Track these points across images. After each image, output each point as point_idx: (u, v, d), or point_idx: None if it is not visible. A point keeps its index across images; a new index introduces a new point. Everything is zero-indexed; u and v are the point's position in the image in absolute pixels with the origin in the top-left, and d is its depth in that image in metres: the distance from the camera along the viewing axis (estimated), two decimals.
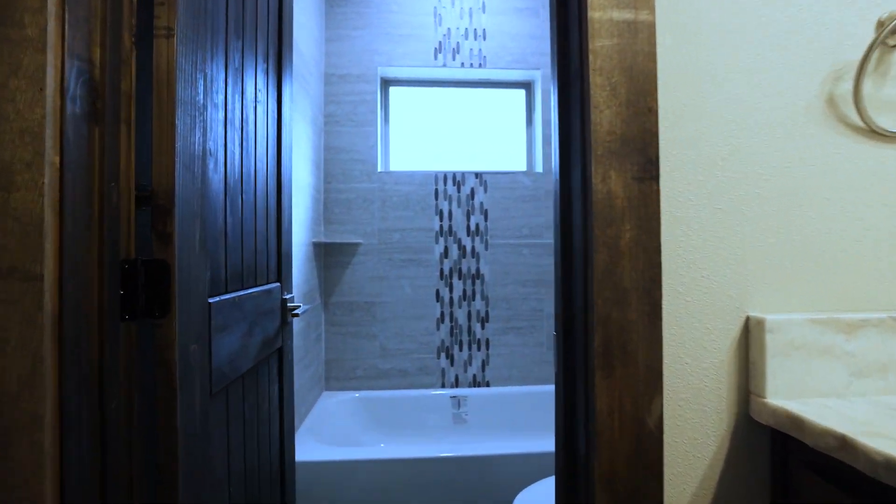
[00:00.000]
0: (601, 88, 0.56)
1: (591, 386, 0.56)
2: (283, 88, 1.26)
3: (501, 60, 2.59)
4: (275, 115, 1.22)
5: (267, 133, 1.16)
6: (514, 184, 2.57)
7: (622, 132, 0.56)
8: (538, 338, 2.57)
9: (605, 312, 0.56)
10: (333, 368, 2.49)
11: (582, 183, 0.58)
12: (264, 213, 1.14)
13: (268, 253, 1.17)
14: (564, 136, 0.64)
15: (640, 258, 0.57)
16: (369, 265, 2.50)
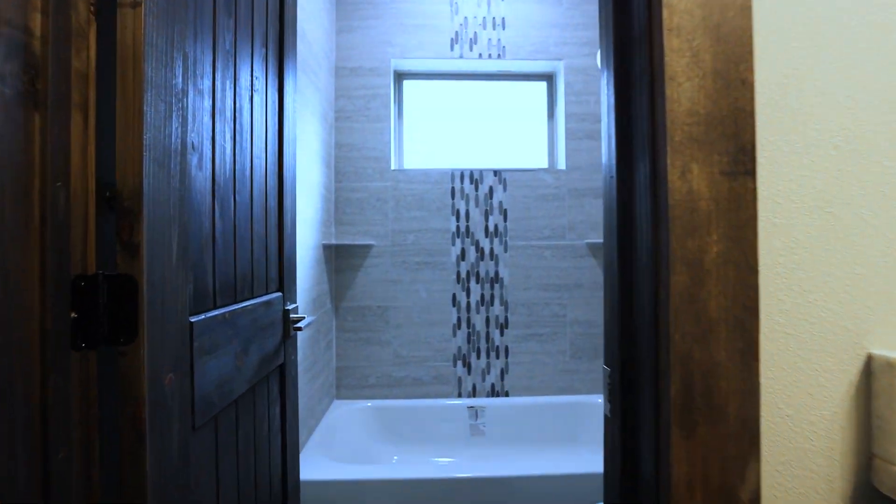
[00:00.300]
0: (679, 54, 0.42)
1: (665, 448, 0.42)
2: (285, 77, 1.14)
3: (522, 51, 2.44)
4: (275, 107, 1.10)
5: (266, 126, 1.04)
6: (535, 182, 2.42)
7: (707, 112, 0.43)
8: (561, 345, 2.42)
9: (685, 350, 0.42)
10: (345, 376, 2.38)
11: (651, 180, 0.45)
12: (263, 215, 1.02)
13: (267, 260, 1.05)
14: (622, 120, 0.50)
15: (730, 279, 0.43)
16: (382, 268, 2.38)
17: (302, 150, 1.81)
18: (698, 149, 0.42)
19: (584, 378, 2.43)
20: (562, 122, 2.48)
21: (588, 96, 2.44)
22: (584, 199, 2.43)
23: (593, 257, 2.43)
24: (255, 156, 0.97)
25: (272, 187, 1.08)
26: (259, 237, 1.00)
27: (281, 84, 1.13)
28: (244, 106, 0.92)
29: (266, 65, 1.04)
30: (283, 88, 1.13)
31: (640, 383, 0.47)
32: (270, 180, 1.07)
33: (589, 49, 2.44)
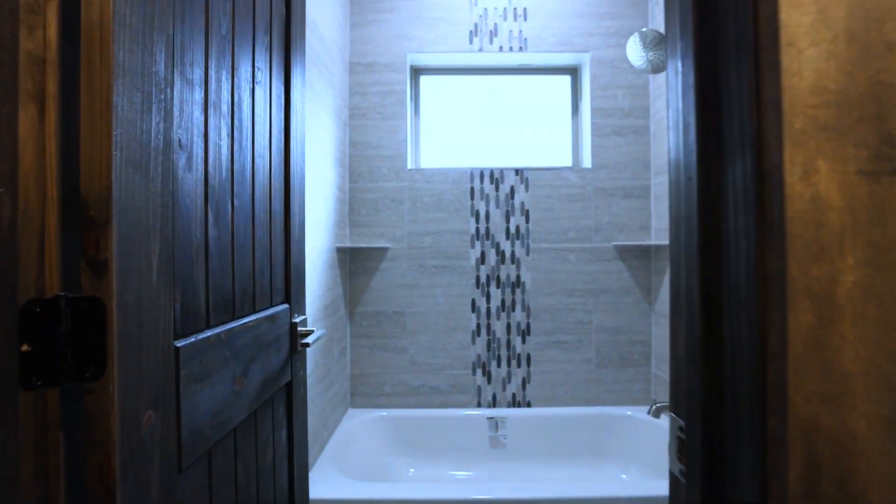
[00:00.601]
0: (800, 9, 0.31)
1: None
2: (292, 68, 1.04)
3: (544, 43, 2.31)
4: (281, 101, 1.01)
5: (270, 122, 0.95)
6: (558, 181, 2.30)
7: (840, 89, 0.31)
8: (585, 353, 2.29)
9: (809, 417, 0.31)
10: (359, 384, 2.29)
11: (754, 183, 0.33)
12: (267, 219, 0.93)
13: (272, 269, 0.95)
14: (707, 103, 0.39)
15: (872, 319, 0.31)
16: (398, 272, 2.28)
17: (314, 149, 1.72)
18: (827, 139, 0.31)
19: (610, 388, 2.29)
20: (587, 117, 2.34)
21: (615, 90, 2.30)
22: (611, 199, 2.29)
23: (621, 260, 2.29)
24: (257, 154, 0.88)
25: (277, 189, 0.99)
26: (262, 244, 0.90)
27: (287, 76, 1.03)
28: (244, 99, 0.82)
29: (270, 54, 0.95)
30: (289, 81, 1.04)
31: (738, 457, 0.35)
32: (276, 181, 0.98)
33: (616, 40, 2.30)
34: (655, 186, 2.26)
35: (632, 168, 2.30)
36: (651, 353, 2.29)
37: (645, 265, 2.29)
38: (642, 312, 2.29)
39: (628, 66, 2.30)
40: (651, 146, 2.30)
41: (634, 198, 2.30)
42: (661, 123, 2.19)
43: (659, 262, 2.22)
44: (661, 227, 2.21)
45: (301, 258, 1.12)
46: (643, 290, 2.29)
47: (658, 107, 2.23)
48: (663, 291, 2.18)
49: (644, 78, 2.30)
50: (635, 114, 2.30)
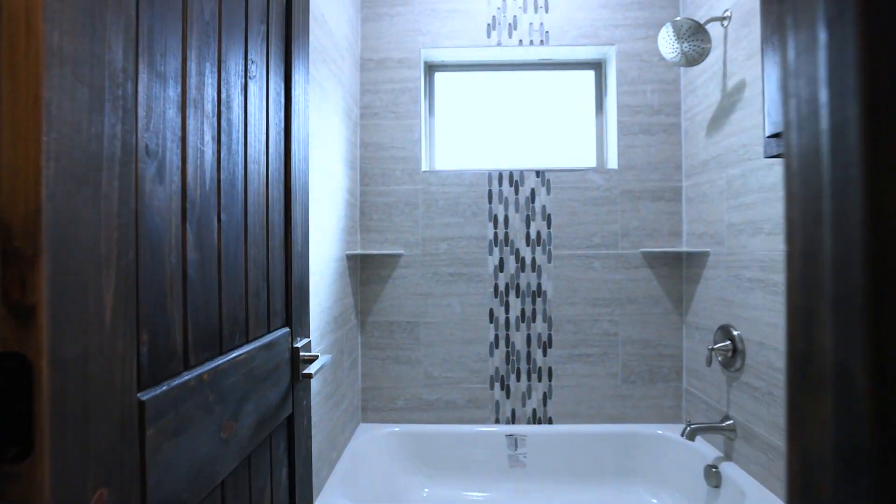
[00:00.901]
0: None
1: None
2: (293, 62, 0.93)
3: (567, 36, 2.17)
4: (281, 99, 0.89)
5: (267, 123, 0.83)
6: (582, 183, 2.15)
7: None
8: (611, 367, 2.15)
9: None
10: (371, 398, 2.18)
11: None
12: (263, 234, 0.81)
13: (269, 290, 0.84)
14: (881, 84, 0.25)
15: None
16: (412, 280, 2.16)
17: (321, 151, 1.61)
18: None
19: (637, 405, 2.14)
20: (613, 115, 2.20)
21: (644, 85, 2.15)
22: (638, 203, 2.14)
23: (649, 268, 2.14)
24: (251, 160, 0.76)
25: (276, 199, 0.87)
26: (257, 263, 0.79)
27: (288, 71, 0.92)
28: (234, 97, 0.71)
29: (267, 46, 0.83)
30: (290, 76, 0.92)
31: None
32: (274, 190, 0.86)
33: (645, 31, 2.15)
34: (687, 188, 2.10)
35: (661, 169, 2.15)
36: (682, 368, 2.14)
37: (675, 273, 2.14)
38: (672, 324, 2.14)
39: (658, 60, 2.14)
40: (682, 145, 2.14)
41: (664, 201, 2.14)
42: (694, 121, 2.03)
43: (691, 269, 2.07)
44: (692, 231, 2.05)
45: (304, 274, 1.00)
46: (673, 300, 2.14)
47: (690, 102, 2.07)
48: (696, 301, 2.02)
49: (675, 72, 2.15)
50: (665, 111, 2.15)
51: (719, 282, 1.85)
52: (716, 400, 1.87)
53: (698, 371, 2.02)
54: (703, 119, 1.96)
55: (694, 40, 1.73)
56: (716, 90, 1.86)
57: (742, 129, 1.69)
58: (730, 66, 1.76)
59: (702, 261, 1.98)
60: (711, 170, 1.91)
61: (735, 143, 1.74)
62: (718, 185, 1.85)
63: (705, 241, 1.95)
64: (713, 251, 1.89)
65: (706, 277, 1.95)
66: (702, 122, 1.98)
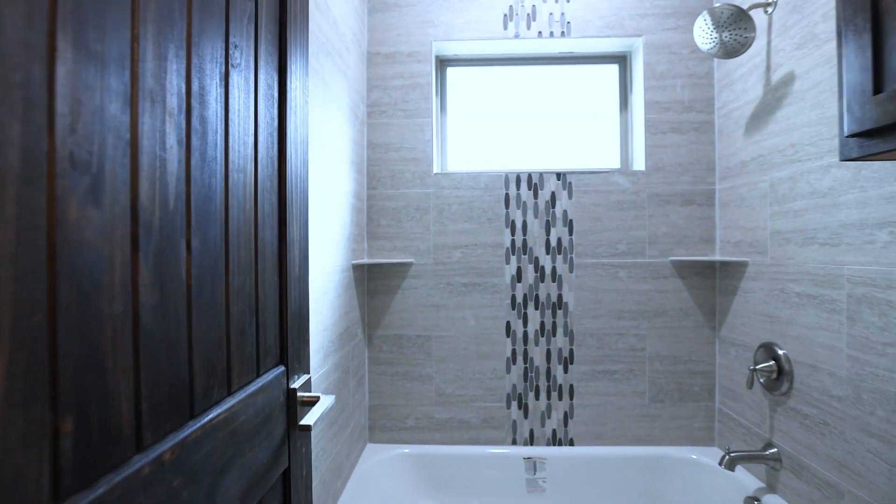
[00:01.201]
0: None
1: None
2: (289, 49, 0.78)
3: (590, 27, 2.01)
4: (273, 93, 0.74)
5: (256, 122, 0.68)
6: (606, 186, 1.99)
7: None
8: (638, 385, 1.99)
9: None
10: (379, 416, 2.03)
11: None
12: (250, 258, 0.67)
13: (259, 324, 0.69)
14: None
15: None
16: (423, 290, 2.01)
17: (325, 152, 1.46)
18: None
19: (666, 426, 1.98)
20: (639, 112, 2.03)
21: (673, 80, 1.98)
22: (668, 207, 1.98)
23: (680, 278, 1.97)
24: (233, 168, 0.62)
25: (268, 213, 0.72)
26: (243, 294, 0.64)
27: (283, 60, 0.77)
28: (210, 89, 0.56)
29: (256, 28, 0.68)
30: (285, 66, 0.77)
31: None
32: (265, 202, 0.71)
33: (675, 21, 1.98)
34: (721, 192, 1.93)
35: (693, 171, 1.98)
36: (715, 386, 1.97)
37: (708, 284, 1.97)
38: (705, 339, 1.98)
39: (689, 52, 1.98)
40: (716, 144, 1.97)
41: (696, 205, 1.98)
42: (730, 118, 1.87)
43: (725, 280, 1.90)
44: (727, 239, 1.89)
45: (303, 300, 0.85)
46: (706, 313, 1.97)
47: (725, 98, 1.90)
48: (732, 315, 1.86)
49: (707, 65, 1.98)
50: (697, 107, 1.98)
51: (760, 295, 1.68)
52: (755, 424, 1.71)
53: (734, 391, 1.85)
54: (741, 116, 1.79)
55: (736, 29, 1.56)
56: (757, 84, 1.69)
57: (791, 126, 1.52)
58: (775, 57, 1.59)
59: (739, 271, 1.81)
60: (751, 172, 1.74)
61: (781, 142, 1.57)
62: (760, 189, 1.68)
63: (743, 249, 1.78)
64: (753, 261, 1.72)
65: (744, 290, 1.78)
66: (739, 120, 1.81)
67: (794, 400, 1.51)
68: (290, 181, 0.79)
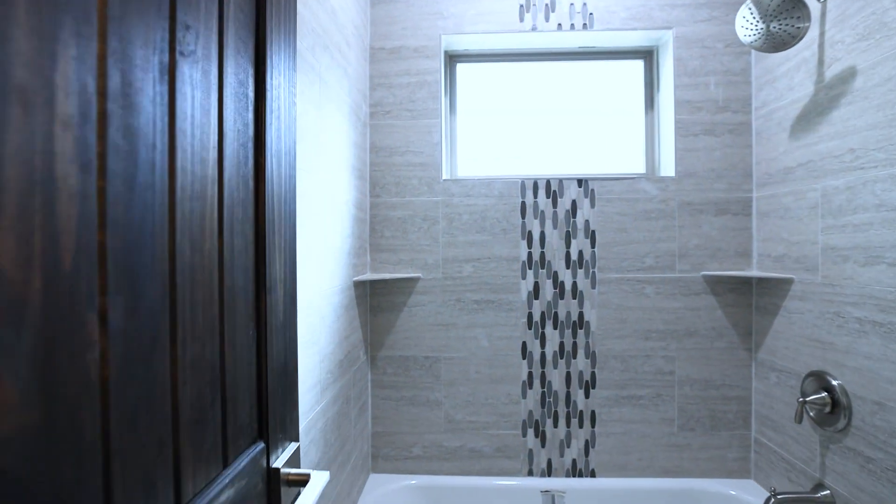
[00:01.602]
0: None
1: None
2: (268, 35, 0.61)
3: (615, 18, 1.83)
4: (246, 92, 0.57)
5: (221, 130, 0.51)
6: (632, 193, 1.82)
7: None
8: (666, 411, 1.81)
9: None
10: (383, 444, 1.86)
11: None
12: (212, 313, 0.50)
13: (225, 400, 0.52)
14: None
15: None
16: (431, 308, 1.84)
17: (322, 160, 1.29)
18: None
19: (696, 456, 1.81)
20: (667, 113, 1.85)
21: (706, 77, 1.80)
22: (700, 217, 1.80)
23: (713, 294, 1.80)
24: (183, 196, 0.45)
25: (239, 249, 0.55)
26: (200, 366, 0.47)
27: (261, 49, 0.60)
28: (143, 86, 0.39)
29: (221, 7, 0.51)
30: (264, 57, 0.60)
31: None
32: (234, 236, 0.54)
33: (709, 12, 1.80)
34: (760, 201, 1.75)
35: (728, 177, 1.80)
36: (751, 413, 1.80)
37: (744, 301, 1.79)
38: (740, 361, 1.80)
39: (724, 46, 1.80)
40: (753, 148, 1.79)
41: (731, 215, 1.80)
42: (771, 119, 1.68)
43: (764, 297, 1.72)
44: (767, 252, 1.71)
45: (289, 352, 0.68)
46: (741, 334, 1.79)
47: (764, 97, 1.72)
48: (772, 337, 1.68)
49: (744, 60, 1.80)
50: (732, 107, 1.80)
51: (809, 317, 1.50)
52: (802, 460, 1.53)
53: (773, 420, 1.67)
54: (786, 117, 1.61)
55: (786, 18, 1.38)
56: (806, 81, 1.51)
57: (850, 129, 1.34)
58: (830, 50, 1.41)
59: (781, 289, 1.63)
60: (797, 179, 1.56)
61: (837, 147, 1.39)
62: (809, 199, 1.50)
63: (786, 265, 1.61)
64: (799, 279, 1.55)
65: (788, 310, 1.60)
66: (782, 121, 1.63)
67: (852, 439, 1.33)
68: (270, 205, 0.62)
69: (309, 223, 1.18)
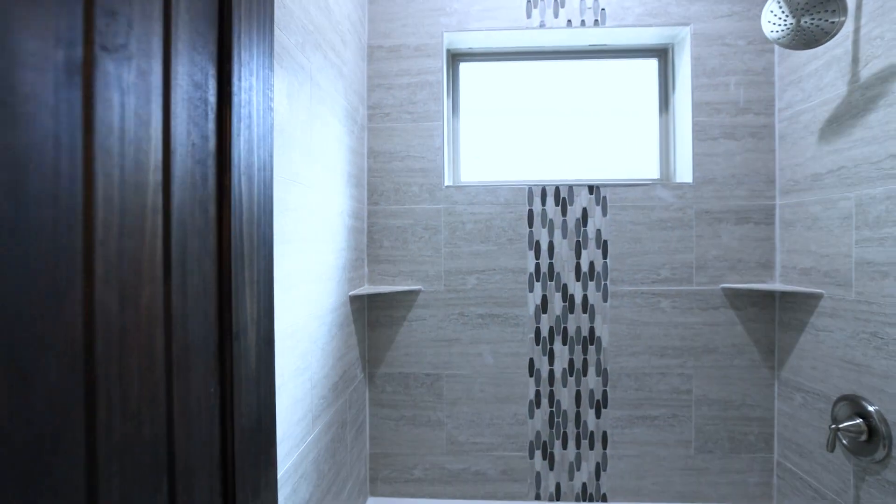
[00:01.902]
0: None
1: None
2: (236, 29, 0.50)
3: (629, 14, 1.72)
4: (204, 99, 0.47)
5: (169, 147, 0.41)
6: (647, 200, 1.71)
7: None
8: (682, 432, 1.70)
9: None
10: (381, 466, 1.76)
11: None
12: (152, 378, 0.39)
13: (174, 480, 0.42)
14: None
15: None
16: (432, 322, 1.74)
17: (313, 171, 1.19)
18: None
19: (715, 480, 1.70)
20: (684, 115, 1.74)
21: (727, 76, 1.69)
22: (720, 226, 1.69)
23: (733, 309, 1.69)
24: (105, 236, 0.34)
25: (195, 290, 0.45)
26: (135, 447, 0.37)
27: (225, 45, 0.49)
28: (32, 92, 0.28)
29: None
30: (229, 55, 0.49)
31: None
32: (190, 274, 0.44)
33: (729, 7, 1.69)
34: (784, 208, 1.64)
35: (749, 183, 1.69)
36: (774, 436, 1.69)
37: (767, 316, 1.68)
38: (762, 380, 1.69)
39: (745, 43, 1.68)
40: (777, 152, 1.68)
41: (752, 224, 1.69)
42: (797, 121, 1.57)
43: (788, 312, 1.61)
44: (791, 264, 1.60)
45: (264, 408, 0.58)
46: (763, 351, 1.68)
47: (789, 98, 1.61)
48: (797, 355, 1.57)
49: (766, 59, 1.69)
50: (754, 108, 1.69)
51: (840, 336, 1.39)
52: (833, 490, 1.42)
53: (799, 444, 1.56)
54: (814, 119, 1.50)
55: (820, 12, 1.27)
56: (838, 81, 1.40)
57: (891, 133, 1.23)
58: (867, 47, 1.30)
59: (808, 304, 1.52)
60: (828, 187, 1.45)
61: (875, 152, 1.28)
62: (841, 208, 1.39)
63: (814, 278, 1.49)
64: (829, 294, 1.43)
65: (816, 327, 1.49)
66: (810, 124, 1.52)
67: (893, 471, 1.22)
68: (238, 232, 0.51)
69: (297, 241, 1.08)
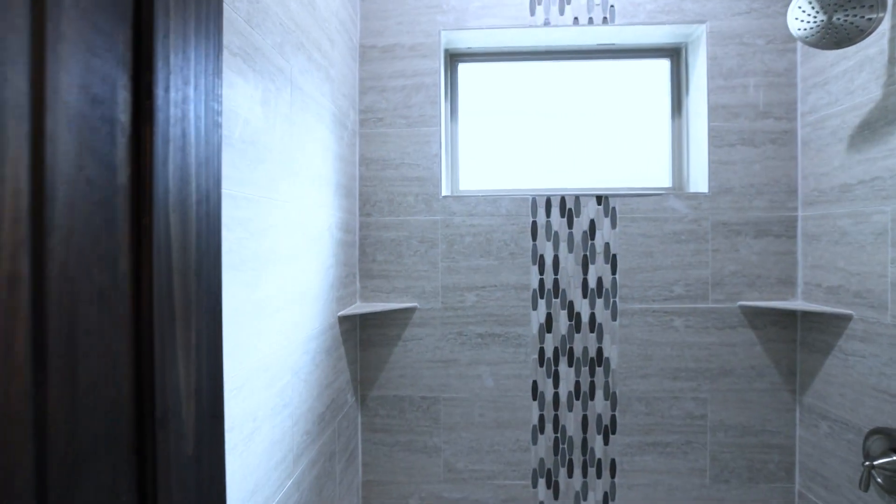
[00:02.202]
0: None
1: None
2: (158, 19, 0.39)
3: (640, 11, 1.61)
4: (111, 116, 0.35)
5: (39, 182, 0.29)
6: (659, 212, 1.59)
7: None
8: (697, 460, 1.59)
9: None
10: (374, 495, 1.64)
11: None
12: None
13: None
14: None
15: None
16: (429, 342, 1.62)
17: (293, 185, 1.07)
18: None
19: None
20: (699, 119, 1.63)
21: (745, 77, 1.57)
22: (737, 239, 1.57)
23: (751, 328, 1.57)
24: None
25: (89, 374, 0.33)
26: None
27: (144, 47, 0.38)
28: None
29: None
30: (151, 54, 0.38)
31: None
32: (77, 355, 0.32)
33: (748, 3, 1.57)
34: (807, 221, 1.53)
35: (769, 193, 1.57)
36: (795, 465, 1.57)
37: (788, 336, 1.56)
38: (782, 404, 1.57)
39: (765, 42, 1.57)
40: (799, 160, 1.56)
41: (772, 237, 1.57)
42: (823, 127, 1.46)
43: (811, 333, 1.50)
44: (815, 281, 1.48)
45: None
46: (784, 373, 1.57)
47: (814, 101, 1.49)
48: (822, 380, 1.45)
49: (788, 59, 1.57)
50: (775, 113, 1.57)
51: (874, 363, 1.28)
52: None
53: (823, 476, 1.45)
54: (842, 125, 1.38)
55: (855, 8, 1.15)
56: (871, 84, 1.28)
57: None
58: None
59: (836, 326, 1.40)
60: (859, 199, 1.33)
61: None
62: (875, 223, 1.28)
63: (842, 298, 1.38)
64: (860, 315, 1.32)
65: (845, 351, 1.37)
66: (837, 130, 1.40)
67: None
68: (165, 288, 0.40)
69: (274, 263, 0.96)
